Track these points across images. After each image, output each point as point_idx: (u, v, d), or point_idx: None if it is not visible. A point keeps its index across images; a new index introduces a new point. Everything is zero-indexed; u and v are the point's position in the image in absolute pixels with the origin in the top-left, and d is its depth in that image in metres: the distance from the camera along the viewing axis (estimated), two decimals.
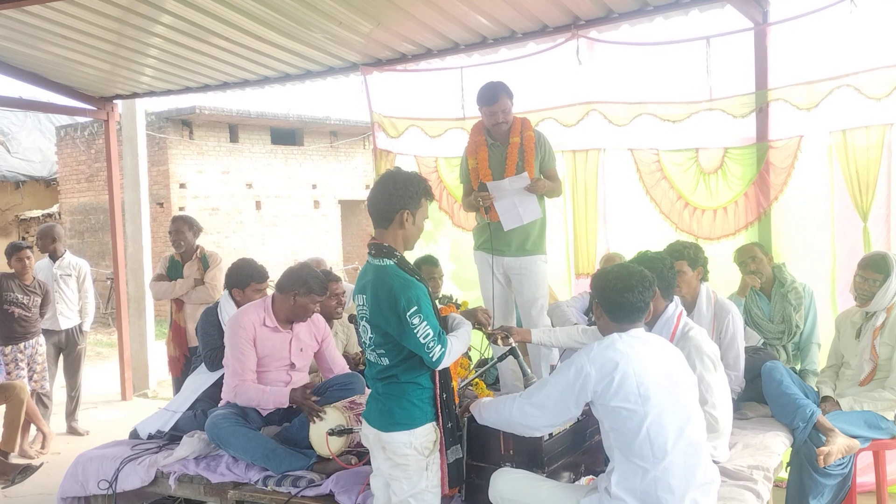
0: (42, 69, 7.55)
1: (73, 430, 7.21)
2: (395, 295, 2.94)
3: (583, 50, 5.89)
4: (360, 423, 3.37)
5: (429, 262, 5.56)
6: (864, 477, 4.61)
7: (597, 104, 5.93)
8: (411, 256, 5.73)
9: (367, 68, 6.92)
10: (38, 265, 7.16)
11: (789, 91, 5.24)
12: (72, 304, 7.18)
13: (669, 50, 5.75)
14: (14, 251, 6.64)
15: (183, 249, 6.24)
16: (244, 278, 4.77)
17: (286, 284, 4.24)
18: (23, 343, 6.59)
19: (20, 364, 6.55)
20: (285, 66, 7.13)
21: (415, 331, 2.92)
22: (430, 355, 2.97)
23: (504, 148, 4.69)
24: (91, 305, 7.40)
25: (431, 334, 2.95)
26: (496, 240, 4.73)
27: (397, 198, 3.09)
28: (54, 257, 7.16)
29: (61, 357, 7.24)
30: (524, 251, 4.70)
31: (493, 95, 4.62)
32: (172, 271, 6.24)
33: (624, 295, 2.99)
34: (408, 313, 2.91)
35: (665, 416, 2.80)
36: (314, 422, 3.82)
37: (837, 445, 3.99)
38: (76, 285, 7.22)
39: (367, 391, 3.46)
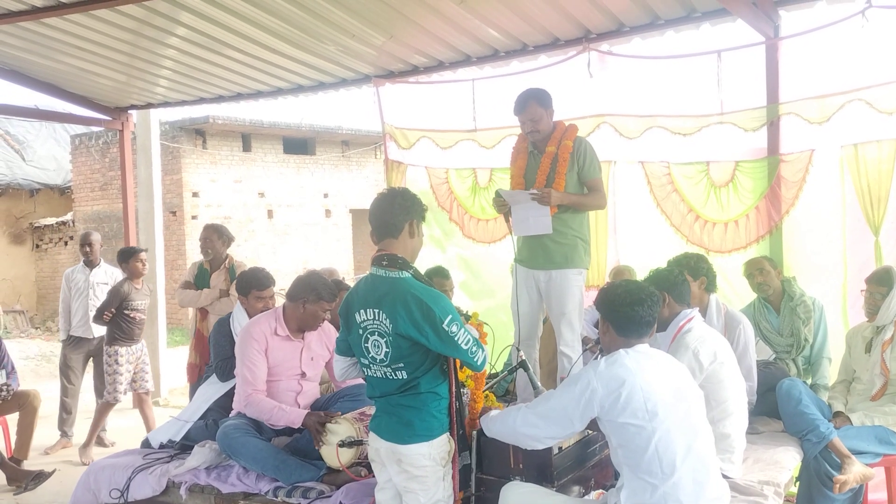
0: (58, 80, 7.64)
1: (100, 441, 7.15)
2: (427, 306, 2.94)
3: (594, 63, 5.92)
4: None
5: (440, 275, 5.54)
6: (876, 493, 4.58)
7: (608, 117, 5.95)
8: (420, 268, 5.78)
9: (380, 80, 6.96)
10: (72, 271, 7.30)
11: (801, 105, 5.24)
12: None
13: (680, 63, 5.76)
14: (132, 254, 6.72)
15: (210, 257, 6.27)
16: (245, 286, 4.82)
17: (295, 292, 4.26)
18: (135, 346, 6.76)
19: (121, 369, 6.66)
20: (298, 78, 7.19)
21: (456, 338, 2.95)
22: (475, 359, 3.02)
23: (540, 157, 4.58)
24: None
25: (472, 339, 3.00)
26: (526, 251, 4.66)
27: (405, 209, 3.12)
28: (91, 265, 7.22)
29: (90, 364, 7.30)
30: (552, 264, 4.57)
31: (522, 104, 4.54)
32: (200, 279, 6.28)
33: (634, 308, 2.99)
34: (444, 323, 2.93)
35: (673, 431, 2.81)
36: (318, 445, 3.81)
37: (854, 474, 3.98)
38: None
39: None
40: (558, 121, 4.65)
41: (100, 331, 7.12)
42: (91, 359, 7.21)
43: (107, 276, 7.28)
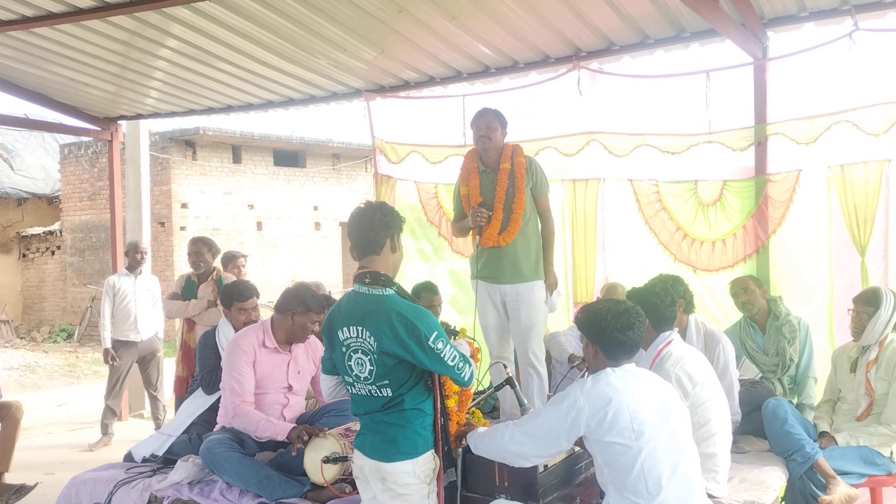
0: (48, 90, 7.61)
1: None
2: (412, 323, 2.92)
3: (584, 81, 5.97)
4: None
5: (429, 290, 5.56)
6: None
7: (597, 134, 5.99)
8: (409, 283, 5.77)
9: (371, 94, 6.98)
10: (116, 278, 7.43)
11: (788, 126, 5.30)
12: (149, 317, 7.40)
13: (669, 83, 5.82)
14: (231, 259, 6.88)
15: (202, 270, 6.30)
16: (228, 298, 4.82)
17: (284, 304, 4.25)
18: None
19: None
20: (289, 91, 7.20)
21: (441, 355, 2.94)
22: (462, 374, 3.01)
23: (495, 174, 4.70)
24: (161, 315, 7.59)
25: (458, 355, 2.99)
26: (490, 267, 4.73)
27: (385, 224, 3.12)
28: (134, 271, 7.39)
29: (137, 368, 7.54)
30: (520, 277, 4.66)
31: (481, 113, 4.75)
32: (187, 291, 6.30)
33: (626, 333, 2.99)
34: (430, 340, 2.92)
35: (659, 451, 2.80)
36: (295, 452, 3.78)
37: (839, 495, 3.99)
38: (151, 299, 7.45)
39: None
40: (506, 142, 4.79)
41: (148, 333, 7.36)
42: (139, 360, 7.44)
43: (149, 282, 7.50)
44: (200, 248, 6.30)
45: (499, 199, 4.64)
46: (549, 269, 4.71)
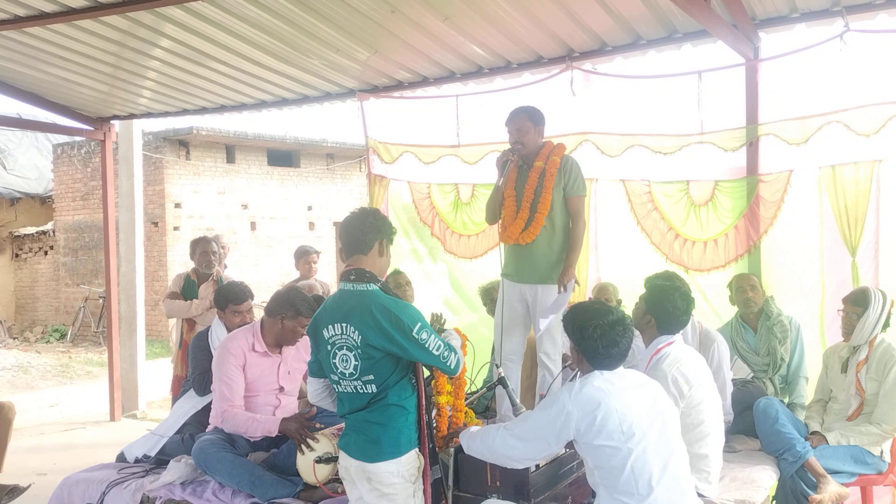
0: (41, 89, 7.60)
1: None
2: (395, 316, 2.97)
3: (577, 81, 5.98)
4: None
5: (393, 274, 5.57)
6: None
7: (590, 135, 6.00)
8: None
9: (364, 94, 6.99)
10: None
11: (779, 126, 5.31)
12: None
13: (662, 83, 5.83)
14: (303, 254, 6.90)
15: (214, 269, 6.28)
16: (222, 300, 4.81)
17: (274, 308, 4.25)
18: None
19: None
20: (283, 91, 7.19)
21: (426, 345, 2.98)
22: (448, 363, 3.05)
23: (528, 171, 4.64)
24: None
25: (442, 345, 3.03)
26: (511, 265, 4.70)
27: (376, 228, 3.20)
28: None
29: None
30: (538, 279, 4.61)
31: (513, 115, 4.67)
32: (187, 291, 6.27)
33: (611, 351, 3.00)
34: (414, 331, 2.96)
35: (649, 451, 2.81)
36: (302, 452, 3.79)
37: (829, 494, 4.01)
38: None
39: None
40: (547, 140, 4.72)
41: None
42: None
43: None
44: (210, 248, 6.29)
45: (526, 199, 4.57)
46: (567, 269, 4.56)
